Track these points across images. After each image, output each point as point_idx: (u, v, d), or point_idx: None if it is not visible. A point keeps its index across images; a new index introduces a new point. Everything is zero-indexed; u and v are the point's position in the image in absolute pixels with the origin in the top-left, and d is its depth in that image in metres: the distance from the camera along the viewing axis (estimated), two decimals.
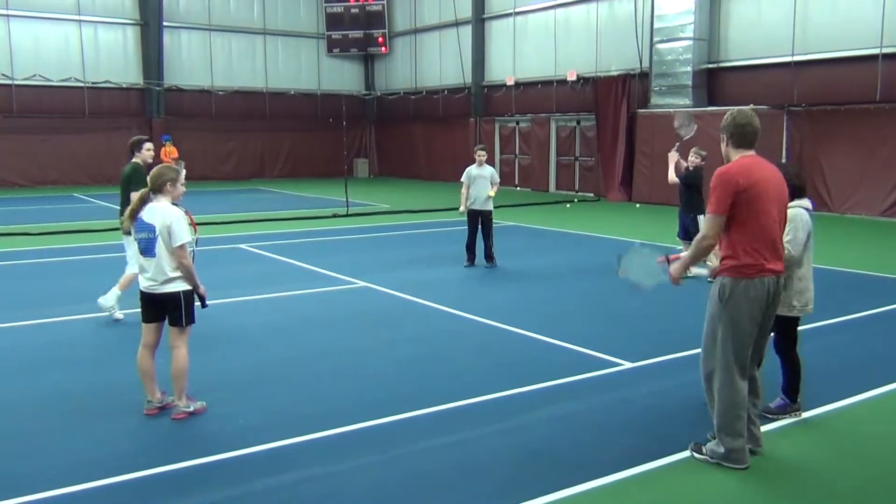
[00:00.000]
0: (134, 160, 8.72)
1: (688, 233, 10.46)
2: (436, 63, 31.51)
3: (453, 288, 10.25)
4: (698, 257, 4.81)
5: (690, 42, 20.78)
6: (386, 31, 33.42)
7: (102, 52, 28.87)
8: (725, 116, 4.76)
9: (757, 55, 20.13)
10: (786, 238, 5.06)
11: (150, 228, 5.32)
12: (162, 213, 5.33)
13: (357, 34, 33.62)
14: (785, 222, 4.76)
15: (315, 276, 10.98)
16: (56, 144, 27.84)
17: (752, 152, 4.70)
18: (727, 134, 4.72)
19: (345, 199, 19.51)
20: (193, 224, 5.61)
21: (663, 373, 6.45)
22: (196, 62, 30.89)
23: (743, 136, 4.67)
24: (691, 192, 10.52)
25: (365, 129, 34.86)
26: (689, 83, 20.92)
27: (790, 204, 5.13)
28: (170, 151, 26.64)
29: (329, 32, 33.56)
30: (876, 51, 17.64)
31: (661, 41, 21.49)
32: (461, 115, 29.73)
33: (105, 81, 28.65)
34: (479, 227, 11.55)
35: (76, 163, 28.29)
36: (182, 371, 5.47)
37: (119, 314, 8.42)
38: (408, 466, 4.69)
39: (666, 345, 7.10)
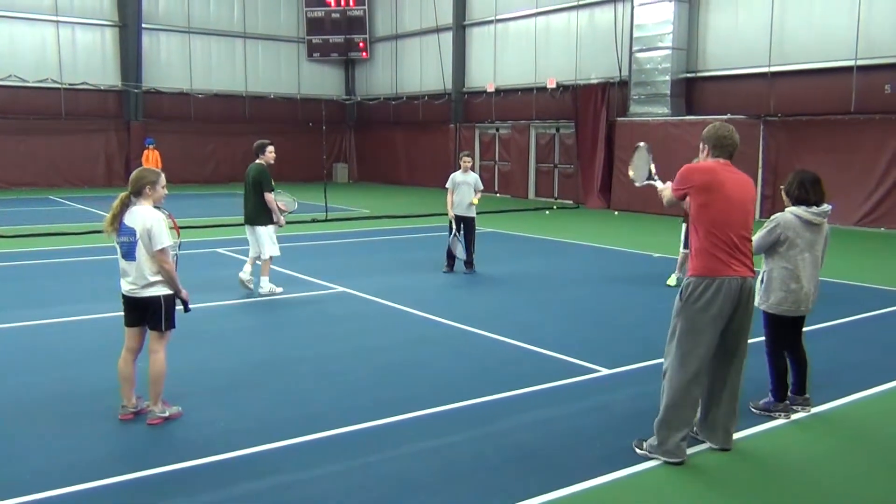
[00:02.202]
0: (258, 161, 9.84)
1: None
2: (416, 69, 31.55)
3: (432, 294, 10.26)
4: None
5: (669, 51, 20.98)
6: (367, 36, 33.44)
7: (80, 54, 28.62)
8: (708, 127, 4.99)
9: (734, 65, 20.37)
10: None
11: (131, 232, 5.28)
12: (142, 216, 5.29)
13: (338, 39, 33.59)
14: (751, 226, 4.92)
15: (293, 280, 10.94)
16: (32, 146, 27.53)
17: (725, 161, 4.90)
18: (709, 144, 4.94)
19: (324, 204, 19.46)
20: (176, 228, 5.57)
21: (640, 379, 6.50)
22: (175, 65, 30.70)
23: (722, 147, 4.90)
24: None
25: (345, 134, 34.82)
26: (668, 92, 21.13)
27: (786, 210, 5.57)
28: (154, 157, 26.40)
29: (310, 37, 33.51)
30: (851, 63, 17.92)
31: (641, 50, 21.68)
32: (441, 120, 29.78)
33: (82, 83, 28.37)
34: (462, 232, 11.60)
35: (52, 165, 27.99)
36: (159, 376, 5.43)
37: (277, 288, 9.87)
38: (386, 472, 4.68)
39: (643, 351, 7.16)
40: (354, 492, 4.43)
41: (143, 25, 29.37)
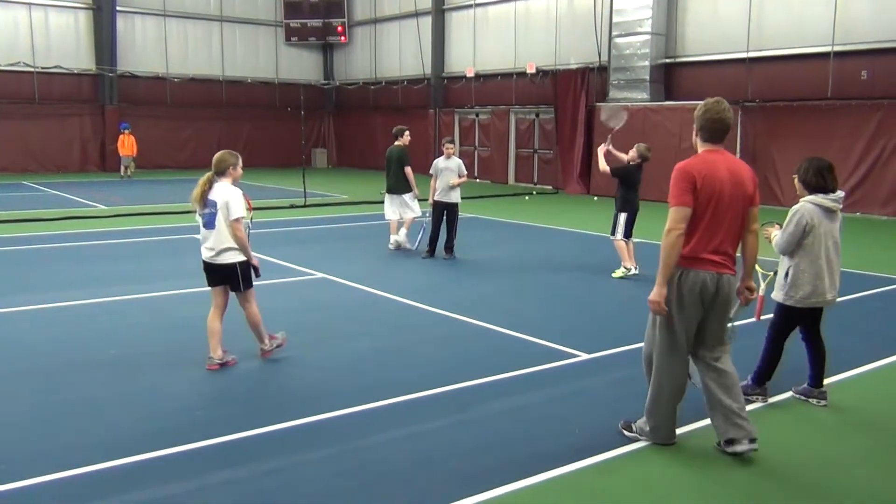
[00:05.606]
0: (398, 143, 12.49)
1: (614, 229, 10.36)
2: (395, 53, 31.36)
3: (412, 279, 10.22)
4: (668, 255, 4.52)
5: (648, 37, 21.01)
6: (345, 20, 33.15)
7: (53, 37, 28.13)
8: (699, 106, 4.71)
9: (713, 51, 20.44)
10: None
11: (213, 204, 6.19)
12: (223, 191, 6.22)
13: (316, 23, 33.29)
14: (744, 221, 4.68)
15: (272, 266, 10.83)
16: (4, 131, 27.09)
17: (717, 147, 4.68)
18: (697, 126, 4.71)
19: (302, 190, 19.33)
20: (250, 207, 6.41)
21: (619, 364, 6.52)
22: (150, 48, 30.26)
23: (712, 131, 4.66)
24: (623, 188, 10.25)
25: (323, 119, 34.58)
26: (647, 77, 21.16)
27: (803, 199, 5.39)
28: (129, 142, 26.08)
29: (287, 20, 33.18)
30: (828, 49, 18.03)
31: (620, 35, 21.68)
32: (421, 105, 29.64)
33: (56, 67, 27.91)
34: (444, 218, 11.58)
35: (26, 150, 27.58)
36: (256, 322, 6.43)
37: (408, 245, 12.19)
38: (364, 459, 4.66)
39: (622, 337, 7.18)
40: (330, 479, 4.40)
41: (118, 8, 28.91)
